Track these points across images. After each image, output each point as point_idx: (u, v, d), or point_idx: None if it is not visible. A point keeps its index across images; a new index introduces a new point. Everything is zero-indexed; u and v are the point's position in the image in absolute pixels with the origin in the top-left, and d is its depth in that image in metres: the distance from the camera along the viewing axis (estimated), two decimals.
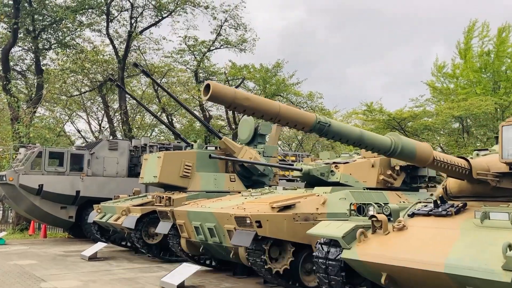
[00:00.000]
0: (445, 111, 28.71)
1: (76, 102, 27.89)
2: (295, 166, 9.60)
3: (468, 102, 28.53)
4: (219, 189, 12.35)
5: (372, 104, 32.72)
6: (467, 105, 28.12)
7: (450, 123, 31.37)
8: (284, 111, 3.77)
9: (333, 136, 4.15)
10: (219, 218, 7.88)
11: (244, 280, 8.70)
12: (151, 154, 12.96)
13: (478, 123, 30.74)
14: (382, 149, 4.60)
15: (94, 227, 12.90)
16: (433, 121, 29.62)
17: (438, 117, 29.06)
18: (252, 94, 3.55)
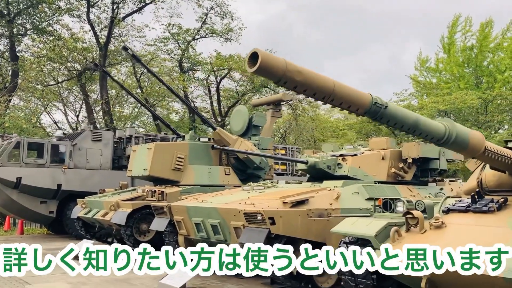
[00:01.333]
0: (430, 105, 28.60)
1: (52, 92, 26.63)
2: (300, 159, 9.00)
3: (453, 96, 28.51)
4: (213, 183, 11.67)
5: None
6: (452, 99, 28.08)
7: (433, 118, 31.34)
8: (339, 89, 3.16)
9: (388, 120, 3.57)
10: (224, 214, 7.22)
11: (247, 281, 8.07)
12: (140, 146, 12.18)
13: (463, 117, 30.77)
14: (436, 137, 4.04)
15: (78, 223, 12.05)
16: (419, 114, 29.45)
17: (424, 111, 28.89)
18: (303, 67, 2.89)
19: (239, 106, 14.23)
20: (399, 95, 37.32)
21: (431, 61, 38.13)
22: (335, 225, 7.07)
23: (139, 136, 15.90)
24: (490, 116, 29.21)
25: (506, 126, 31.12)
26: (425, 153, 8.88)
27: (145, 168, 11.41)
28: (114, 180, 14.53)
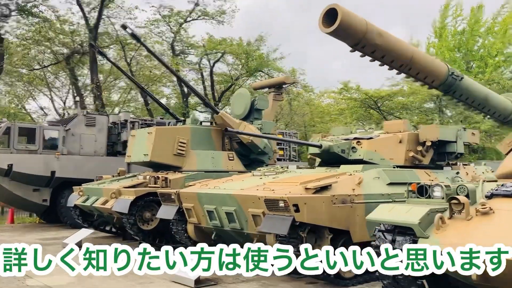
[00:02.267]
0: (423, 89, 28.36)
1: (38, 77, 25.68)
2: (314, 142, 8.58)
3: None
4: (217, 169, 11.21)
5: (348, 82, 32.03)
6: None
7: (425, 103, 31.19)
8: (418, 57, 2.75)
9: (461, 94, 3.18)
10: (241, 201, 6.79)
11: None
12: (140, 130, 11.63)
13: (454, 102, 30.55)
14: (504, 114, 3.65)
15: (75, 211, 11.49)
16: (412, 100, 29.23)
17: (417, 96, 28.66)
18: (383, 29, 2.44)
19: (241, 89, 13.71)
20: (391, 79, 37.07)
21: (422, 46, 37.98)
22: (358, 211, 6.74)
23: (134, 121, 15.30)
24: None
25: None
26: (443, 136, 8.54)
27: (145, 154, 10.88)
28: (109, 166, 13.97)
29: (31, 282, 6.82)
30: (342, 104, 36.03)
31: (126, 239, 11.22)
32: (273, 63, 23.35)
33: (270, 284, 6.72)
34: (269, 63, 23.22)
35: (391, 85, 35.03)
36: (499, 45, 32.88)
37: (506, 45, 33.63)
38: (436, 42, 36.66)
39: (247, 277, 7.04)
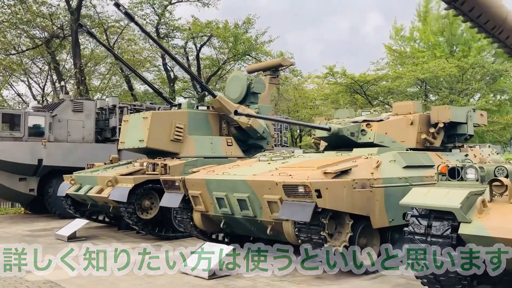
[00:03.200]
0: (408, 74, 28.33)
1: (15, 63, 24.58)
2: (322, 125, 8.25)
3: (431, 64, 28.37)
4: (216, 155, 10.82)
5: (334, 66, 31.82)
6: (430, 67, 27.92)
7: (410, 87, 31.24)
8: None
9: None
10: (256, 187, 6.43)
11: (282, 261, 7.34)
12: (134, 115, 11.09)
13: (442, 85, 30.76)
14: None
15: (66, 201, 10.95)
16: (397, 84, 29.16)
17: (403, 80, 28.61)
18: None
19: (236, 72, 13.25)
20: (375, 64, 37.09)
21: (406, 30, 38.00)
22: (377, 196, 6.46)
23: (123, 106, 14.70)
24: (466, 84, 29.33)
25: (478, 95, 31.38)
26: (454, 117, 8.32)
27: (141, 140, 10.40)
28: (99, 154, 13.41)
29: (31, 277, 6.34)
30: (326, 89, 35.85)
31: (121, 229, 10.77)
32: (261, 47, 22.84)
33: (286, 273, 6.40)
34: (257, 46, 22.70)
35: (376, 69, 35.06)
36: None
37: None
38: (419, 26, 36.72)
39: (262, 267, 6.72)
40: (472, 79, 29.69)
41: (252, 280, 6.05)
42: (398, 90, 30.53)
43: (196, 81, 11.19)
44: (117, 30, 22.96)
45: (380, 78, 30.63)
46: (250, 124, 11.29)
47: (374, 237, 6.65)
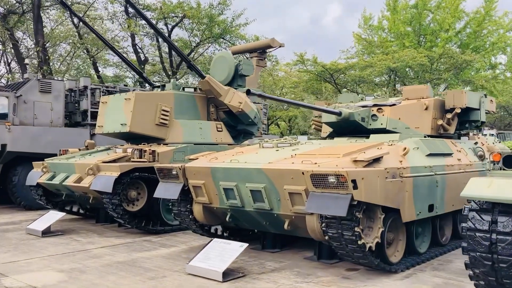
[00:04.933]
0: (379, 63, 28.20)
1: None
2: (332, 109, 7.57)
3: (402, 53, 28.38)
4: (205, 141, 9.97)
5: (304, 54, 31.31)
6: (401, 56, 27.92)
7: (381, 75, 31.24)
8: None
9: None
10: (274, 176, 5.67)
11: (283, 255, 6.67)
12: (113, 96, 10.02)
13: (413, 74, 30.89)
14: None
15: (37, 191, 9.80)
16: (368, 72, 29.00)
17: (374, 69, 28.46)
18: None
19: (223, 52, 12.36)
20: (345, 52, 36.89)
21: (374, 19, 37.99)
22: (407, 187, 5.86)
23: (95, 88, 13.50)
24: (437, 74, 29.56)
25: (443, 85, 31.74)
26: (469, 103, 7.85)
27: (123, 123, 9.38)
28: (69, 139, 12.25)
29: (9, 283, 5.36)
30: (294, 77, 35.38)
31: (100, 221, 9.76)
32: (236, 30, 21.90)
33: (306, 273, 5.73)
34: (232, 29, 21.74)
35: (346, 58, 34.83)
36: (451, 19, 33.36)
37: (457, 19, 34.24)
38: (388, 16, 36.74)
39: (276, 266, 6.02)
40: (441, 69, 29.96)
41: (273, 283, 5.33)
42: (368, 79, 30.44)
43: (184, 59, 10.19)
44: (84, 7, 21.39)
45: (351, 67, 30.41)
46: (241, 109, 10.49)
47: (399, 232, 6.06)
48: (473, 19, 33.72)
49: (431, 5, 34.32)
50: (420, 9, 34.09)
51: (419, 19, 34.37)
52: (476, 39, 34.79)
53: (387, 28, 36.93)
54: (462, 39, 35.11)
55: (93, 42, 20.93)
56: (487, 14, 33.80)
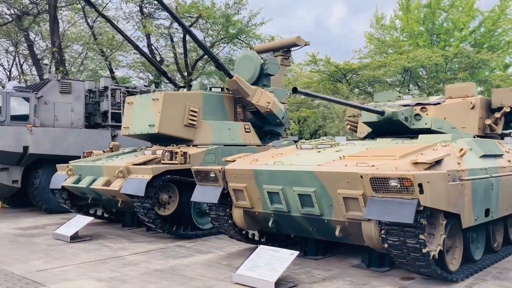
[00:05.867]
0: (394, 62, 27.83)
1: None
2: (374, 108, 7.23)
3: (417, 53, 28.00)
4: (234, 142, 9.66)
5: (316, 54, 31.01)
6: (416, 55, 27.53)
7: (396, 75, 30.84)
8: None
9: None
10: (326, 179, 5.34)
11: (336, 265, 6.33)
12: (140, 97, 9.73)
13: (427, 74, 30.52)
14: None
15: (61, 194, 9.53)
16: (382, 72, 28.60)
17: (389, 69, 28.07)
18: None
19: (247, 51, 12.05)
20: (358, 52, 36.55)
21: (386, 19, 37.63)
22: (466, 191, 5.51)
23: (115, 89, 13.23)
24: (452, 73, 29.17)
25: None
26: None
27: (151, 124, 9.09)
28: (91, 141, 12.01)
29: None
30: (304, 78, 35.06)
31: (126, 225, 9.48)
32: (251, 29, 21.58)
33: (360, 282, 5.39)
34: (248, 29, 21.42)
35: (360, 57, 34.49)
36: (465, 18, 32.94)
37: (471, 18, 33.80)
38: (400, 15, 36.36)
39: (325, 275, 5.69)
40: (456, 68, 29.56)
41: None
42: (382, 79, 30.10)
43: (212, 59, 9.89)
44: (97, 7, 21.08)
45: (365, 67, 30.09)
46: (269, 109, 10.18)
47: (457, 238, 5.71)
48: (488, 18, 33.24)
49: (444, 4, 33.88)
50: (433, 8, 33.69)
51: (432, 18, 33.99)
52: (490, 38, 34.29)
53: (400, 28, 36.56)
54: (476, 38, 34.65)
55: (108, 43, 20.68)
56: (502, 12, 33.30)
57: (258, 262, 5.44)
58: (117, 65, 25.96)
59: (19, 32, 21.67)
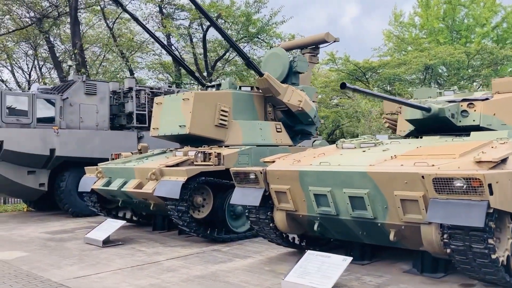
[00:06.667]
0: (414, 60, 27.29)
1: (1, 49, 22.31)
2: (421, 105, 6.87)
3: (438, 50, 27.44)
4: (266, 142, 9.36)
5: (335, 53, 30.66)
6: (437, 52, 26.96)
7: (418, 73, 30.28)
8: None
9: None
10: (382, 180, 5.01)
11: (376, 268, 6.00)
12: (169, 97, 9.50)
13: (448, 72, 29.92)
14: None
15: (90, 197, 9.32)
16: (403, 70, 28.06)
17: (410, 66, 27.53)
18: None
19: (276, 48, 11.73)
20: (377, 50, 36.07)
21: (405, 16, 37.10)
22: None
23: (140, 89, 13.03)
24: (474, 70, 28.56)
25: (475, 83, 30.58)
26: None
27: (182, 125, 8.84)
28: (116, 142, 11.82)
29: None
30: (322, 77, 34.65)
31: (156, 229, 9.24)
32: (271, 28, 21.27)
33: None
34: (268, 28, 21.12)
35: (379, 55, 33.99)
36: (488, 13, 32.27)
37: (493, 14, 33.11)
38: (420, 12, 35.79)
39: (378, 282, 5.35)
40: (479, 65, 28.94)
41: None
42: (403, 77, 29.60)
43: (242, 58, 9.58)
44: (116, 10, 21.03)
45: (385, 65, 29.62)
46: (301, 107, 9.86)
47: None
48: (511, 13, 32.52)
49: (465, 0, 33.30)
50: (453, 4, 33.08)
51: (453, 15, 33.38)
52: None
53: (420, 25, 35.99)
54: (498, 33, 33.91)
55: (128, 44, 20.56)
56: None
57: (308, 269, 5.13)
58: (135, 67, 25.88)
59: (38, 35, 21.67)
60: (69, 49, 20.27)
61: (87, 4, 19.14)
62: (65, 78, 19.46)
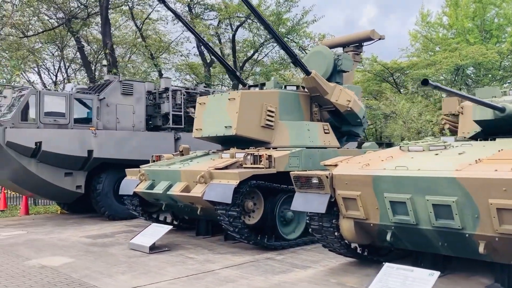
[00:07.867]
0: (444, 60, 26.52)
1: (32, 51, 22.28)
2: (495, 104, 6.35)
3: (470, 50, 26.63)
4: (314, 144, 8.90)
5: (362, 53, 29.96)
6: (469, 53, 26.16)
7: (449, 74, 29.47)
8: None
9: None
10: (475, 187, 4.51)
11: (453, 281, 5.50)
12: (213, 97, 9.12)
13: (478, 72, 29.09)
14: None
15: (132, 200, 8.99)
16: (433, 70, 27.31)
17: (440, 67, 26.78)
18: None
19: (319, 46, 11.30)
20: (405, 50, 35.38)
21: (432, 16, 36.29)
22: None
23: (176, 90, 12.70)
24: (506, 71, 27.73)
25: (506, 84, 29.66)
26: None
27: (228, 126, 8.45)
28: (153, 144, 11.52)
29: None
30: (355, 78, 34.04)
31: (200, 234, 8.86)
32: (302, 28, 20.81)
33: None
34: (298, 27, 20.67)
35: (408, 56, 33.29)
36: None
37: None
38: (448, 12, 34.96)
39: None
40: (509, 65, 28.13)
41: None
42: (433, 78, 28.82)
43: (289, 55, 9.12)
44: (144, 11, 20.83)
45: (414, 65, 28.97)
46: (350, 108, 9.39)
47: None
48: None
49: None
50: (484, 3, 32.20)
51: (483, 14, 32.50)
52: None
53: (448, 24, 35.16)
54: None
55: (158, 45, 20.32)
56: None
57: (389, 284, 4.66)
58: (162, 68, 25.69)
59: (65, 36, 21.59)
60: (96, 50, 20.11)
61: (115, 4, 18.93)
62: (95, 79, 19.34)
